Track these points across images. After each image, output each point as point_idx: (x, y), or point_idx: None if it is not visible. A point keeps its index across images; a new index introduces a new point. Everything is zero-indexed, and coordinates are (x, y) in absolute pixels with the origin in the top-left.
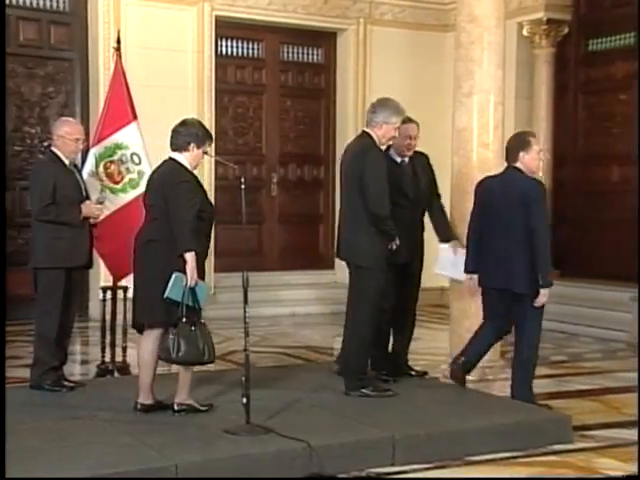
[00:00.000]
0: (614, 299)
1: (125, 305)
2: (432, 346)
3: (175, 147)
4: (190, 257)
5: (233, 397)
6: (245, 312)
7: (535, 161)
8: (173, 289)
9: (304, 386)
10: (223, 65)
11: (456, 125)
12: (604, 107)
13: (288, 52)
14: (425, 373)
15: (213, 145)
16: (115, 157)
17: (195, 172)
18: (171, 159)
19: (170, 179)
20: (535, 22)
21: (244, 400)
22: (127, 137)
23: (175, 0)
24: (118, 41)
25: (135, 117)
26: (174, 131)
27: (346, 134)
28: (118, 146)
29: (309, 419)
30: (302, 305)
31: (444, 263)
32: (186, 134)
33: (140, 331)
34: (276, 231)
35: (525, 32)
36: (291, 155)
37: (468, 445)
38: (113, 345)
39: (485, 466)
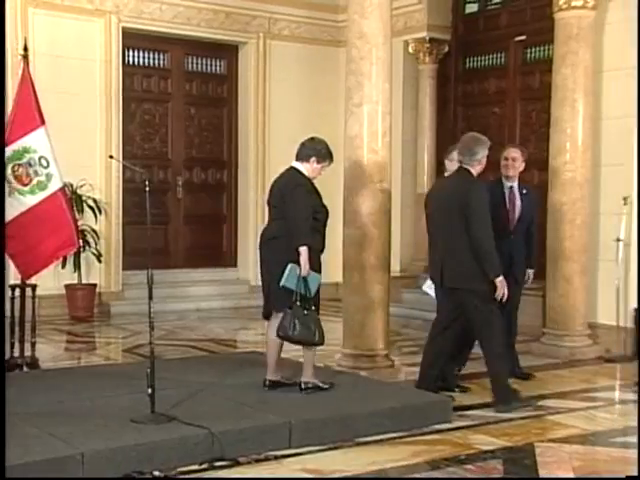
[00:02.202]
0: None
1: (34, 302)
2: (327, 337)
3: (299, 157)
4: (304, 250)
5: (139, 388)
6: (150, 307)
7: None
8: (288, 278)
9: (207, 376)
10: (130, 74)
11: (348, 133)
12: (480, 119)
13: (192, 63)
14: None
15: (120, 149)
16: (23, 160)
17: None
18: (292, 168)
19: (288, 183)
20: (419, 41)
21: (149, 390)
22: (35, 141)
23: (83, 11)
24: (25, 48)
25: (43, 122)
26: (302, 144)
27: (247, 140)
28: (26, 150)
29: (211, 407)
30: (207, 300)
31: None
32: (311, 148)
33: (267, 318)
34: (181, 231)
35: (410, 49)
36: (196, 159)
37: (358, 427)
38: (22, 341)
39: (373, 446)
